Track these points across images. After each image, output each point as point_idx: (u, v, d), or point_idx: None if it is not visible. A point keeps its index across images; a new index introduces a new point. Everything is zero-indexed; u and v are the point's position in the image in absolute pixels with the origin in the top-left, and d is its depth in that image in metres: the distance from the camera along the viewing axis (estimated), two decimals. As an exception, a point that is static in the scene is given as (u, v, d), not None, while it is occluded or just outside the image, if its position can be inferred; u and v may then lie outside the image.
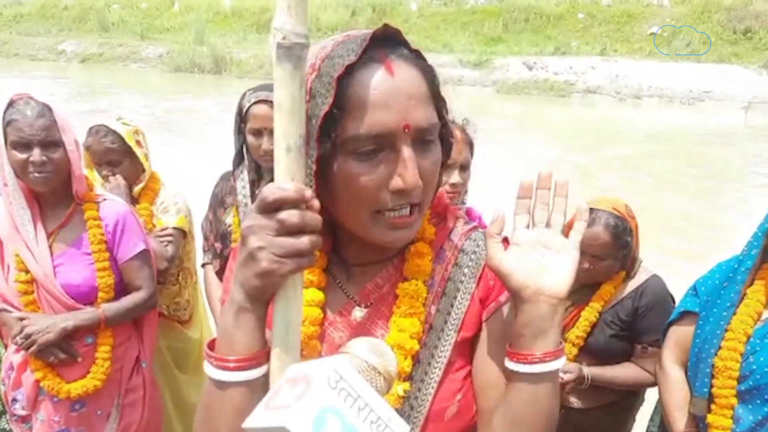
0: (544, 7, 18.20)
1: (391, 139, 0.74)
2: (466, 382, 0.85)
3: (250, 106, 2.01)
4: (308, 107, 0.75)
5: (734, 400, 1.45)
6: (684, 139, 10.67)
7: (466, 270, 0.87)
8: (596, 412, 1.95)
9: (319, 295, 0.86)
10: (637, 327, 1.86)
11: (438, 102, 0.81)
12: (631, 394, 1.98)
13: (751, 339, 1.45)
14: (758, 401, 1.43)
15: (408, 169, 0.74)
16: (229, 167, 2.22)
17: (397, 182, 0.75)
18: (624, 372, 1.87)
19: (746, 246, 1.55)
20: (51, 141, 1.69)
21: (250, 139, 2.04)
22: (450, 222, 0.92)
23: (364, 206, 0.77)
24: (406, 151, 0.75)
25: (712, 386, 1.48)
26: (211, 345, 0.74)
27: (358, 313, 0.87)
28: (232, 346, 0.71)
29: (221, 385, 0.71)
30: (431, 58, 0.83)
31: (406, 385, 0.82)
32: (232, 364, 0.70)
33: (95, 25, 22.12)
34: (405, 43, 0.79)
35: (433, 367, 0.83)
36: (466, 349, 0.87)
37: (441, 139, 0.83)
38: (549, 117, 13.02)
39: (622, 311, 1.87)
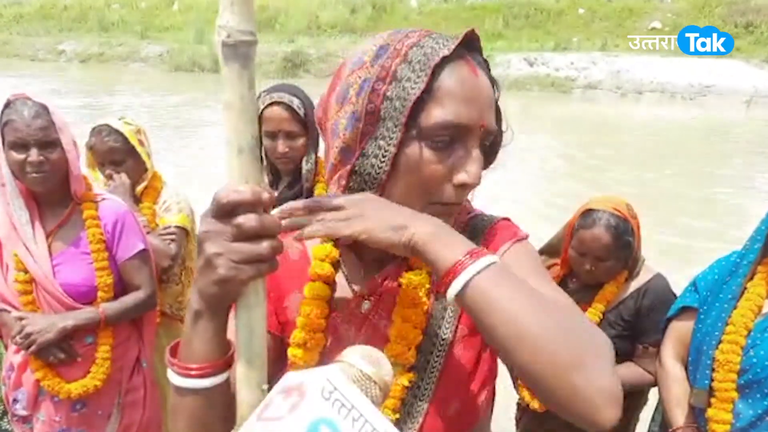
0: (545, 3, 18.18)
1: (466, 133, 0.77)
2: (474, 379, 0.85)
3: (263, 109, 2.00)
4: (387, 89, 0.76)
5: (734, 394, 1.45)
6: (686, 134, 10.65)
7: None
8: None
9: (326, 289, 0.86)
10: (640, 327, 1.85)
11: (496, 114, 0.84)
12: (635, 395, 1.96)
13: (752, 333, 1.45)
14: (758, 395, 1.43)
15: (475, 166, 0.77)
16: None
17: (463, 176, 0.77)
18: (624, 372, 1.84)
19: (749, 240, 1.55)
20: (48, 141, 1.69)
21: (264, 141, 2.03)
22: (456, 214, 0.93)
23: (423, 195, 0.78)
24: (476, 149, 0.78)
25: (712, 380, 1.48)
26: (174, 349, 0.73)
27: (366, 306, 0.87)
28: (189, 353, 0.70)
29: (178, 390, 0.71)
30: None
31: (411, 375, 0.81)
32: (191, 371, 0.70)
33: (95, 25, 22.16)
34: (480, 51, 0.82)
35: (435, 356, 0.83)
36: (472, 339, 0.86)
37: (491, 146, 0.86)
38: (550, 113, 13.00)
39: (625, 311, 1.86)
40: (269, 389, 0.67)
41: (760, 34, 15.49)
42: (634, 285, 1.88)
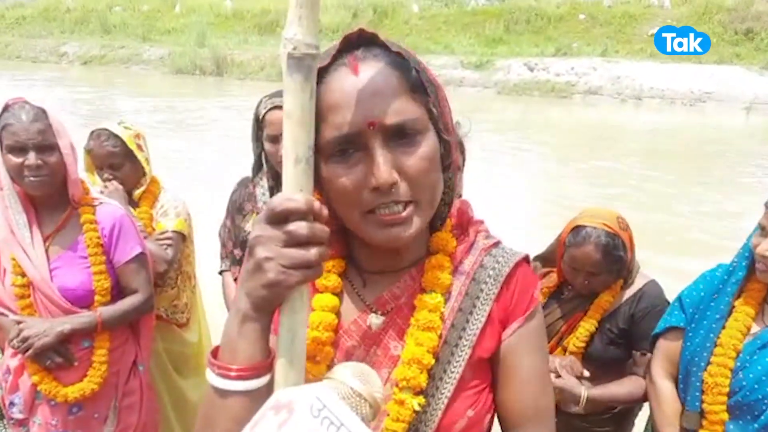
0: (545, 9, 18.21)
1: (360, 138, 0.74)
2: (479, 397, 0.84)
3: (266, 113, 2.00)
4: None
5: (725, 416, 1.44)
6: (685, 141, 10.65)
7: (483, 287, 0.86)
8: (595, 417, 1.94)
9: (334, 300, 0.86)
10: (635, 333, 1.84)
11: (421, 96, 0.78)
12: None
13: (741, 354, 1.43)
14: (748, 417, 1.41)
15: (378, 166, 0.73)
16: (234, 171, 2.21)
17: (370, 181, 0.74)
18: (632, 387, 1.79)
19: (736, 257, 1.52)
20: (46, 145, 1.70)
21: (267, 145, 2.04)
22: (471, 235, 0.90)
23: (352, 208, 0.77)
24: (376, 148, 0.74)
25: (702, 401, 1.47)
26: (215, 352, 0.74)
27: (374, 320, 0.85)
28: (234, 355, 0.71)
29: (222, 393, 0.71)
30: (432, 60, 0.82)
31: (421, 399, 0.80)
32: (233, 373, 0.70)
33: (97, 28, 22.21)
34: (382, 45, 0.78)
35: (444, 382, 0.82)
36: (483, 368, 0.86)
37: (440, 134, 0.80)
38: (550, 118, 13.01)
39: (620, 319, 1.85)
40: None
41: (760, 41, 15.51)
42: (629, 292, 1.88)
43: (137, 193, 2.30)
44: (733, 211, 6.68)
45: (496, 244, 0.91)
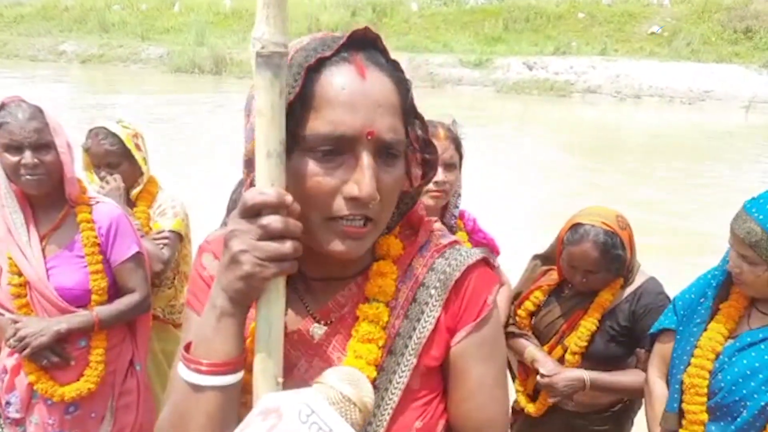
0: (545, 7, 18.19)
1: (352, 143, 0.71)
2: (428, 408, 0.82)
3: None
4: None
5: (705, 416, 1.46)
6: (684, 139, 10.66)
7: (432, 291, 0.82)
8: (594, 416, 1.93)
9: None
10: (638, 330, 1.84)
11: (408, 118, 0.78)
12: (629, 398, 1.96)
13: (721, 356, 1.45)
14: (728, 418, 1.44)
15: (365, 177, 0.70)
16: (234, 170, 2.20)
17: (352, 189, 0.71)
18: (631, 378, 1.81)
19: (722, 260, 1.53)
20: (43, 143, 1.69)
21: None
22: (422, 236, 0.87)
23: (316, 210, 0.73)
24: (366, 159, 0.71)
25: (682, 402, 1.49)
26: (187, 348, 0.73)
27: (317, 330, 0.83)
28: (209, 351, 0.70)
29: (196, 388, 0.71)
30: (431, 58, 0.82)
31: None
32: (208, 368, 0.70)
33: (96, 26, 22.14)
34: (384, 51, 0.77)
35: (390, 393, 0.79)
36: (432, 377, 0.83)
37: (424, 157, 0.81)
38: (549, 117, 13.01)
39: (620, 316, 1.85)
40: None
41: (759, 40, 15.51)
42: (629, 290, 1.88)
43: (134, 192, 2.30)
44: (732, 211, 6.69)
45: (452, 244, 0.86)
